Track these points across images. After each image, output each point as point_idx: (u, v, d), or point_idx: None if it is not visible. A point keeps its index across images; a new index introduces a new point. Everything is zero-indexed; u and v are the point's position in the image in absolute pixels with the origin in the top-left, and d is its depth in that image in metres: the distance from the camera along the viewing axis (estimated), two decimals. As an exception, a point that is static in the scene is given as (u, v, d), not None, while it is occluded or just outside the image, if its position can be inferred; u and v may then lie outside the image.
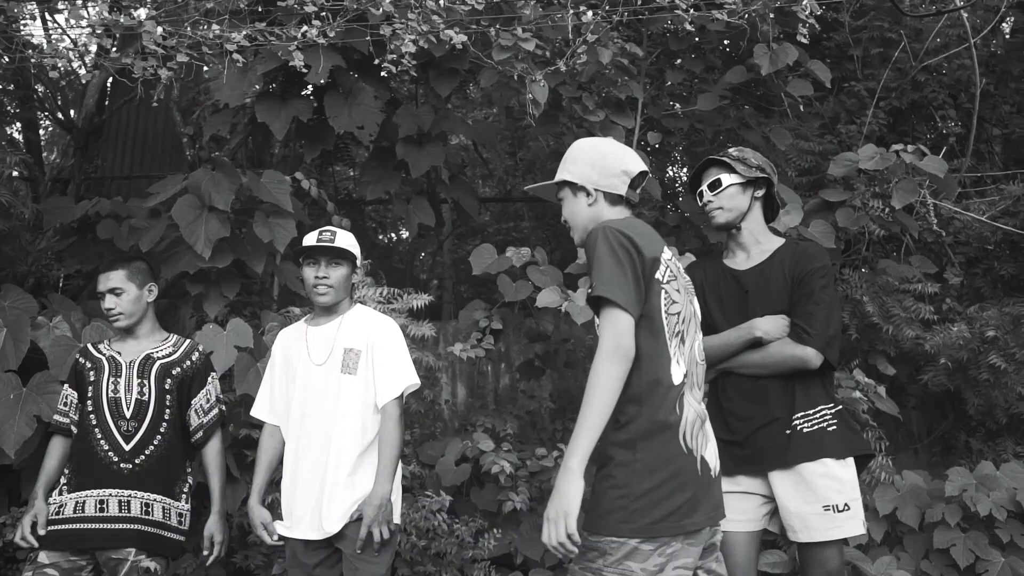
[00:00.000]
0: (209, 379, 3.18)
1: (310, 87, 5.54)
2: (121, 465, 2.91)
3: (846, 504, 2.54)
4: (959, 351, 4.45)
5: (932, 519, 4.33)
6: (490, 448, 4.53)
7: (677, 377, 2.04)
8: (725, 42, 6.10)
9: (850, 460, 2.59)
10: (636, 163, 2.26)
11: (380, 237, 8.01)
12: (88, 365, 3.08)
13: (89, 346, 3.17)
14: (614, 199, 2.24)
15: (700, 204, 2.83)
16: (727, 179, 2.72)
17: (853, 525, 2.54)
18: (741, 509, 2.66)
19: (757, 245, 2.76)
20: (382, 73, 3.80)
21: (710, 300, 2.78)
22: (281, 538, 2.88)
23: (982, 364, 4.40)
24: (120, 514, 2.89)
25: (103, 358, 3.06)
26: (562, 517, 1.86)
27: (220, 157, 4.82)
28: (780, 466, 2.59)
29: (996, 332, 4.30)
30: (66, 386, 3.16)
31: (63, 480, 3.02)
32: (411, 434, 4.78)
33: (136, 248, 4.54)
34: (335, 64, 4.84)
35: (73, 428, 3.07)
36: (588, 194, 2.22)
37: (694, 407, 2.08)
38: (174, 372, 3.07)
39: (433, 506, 4.16)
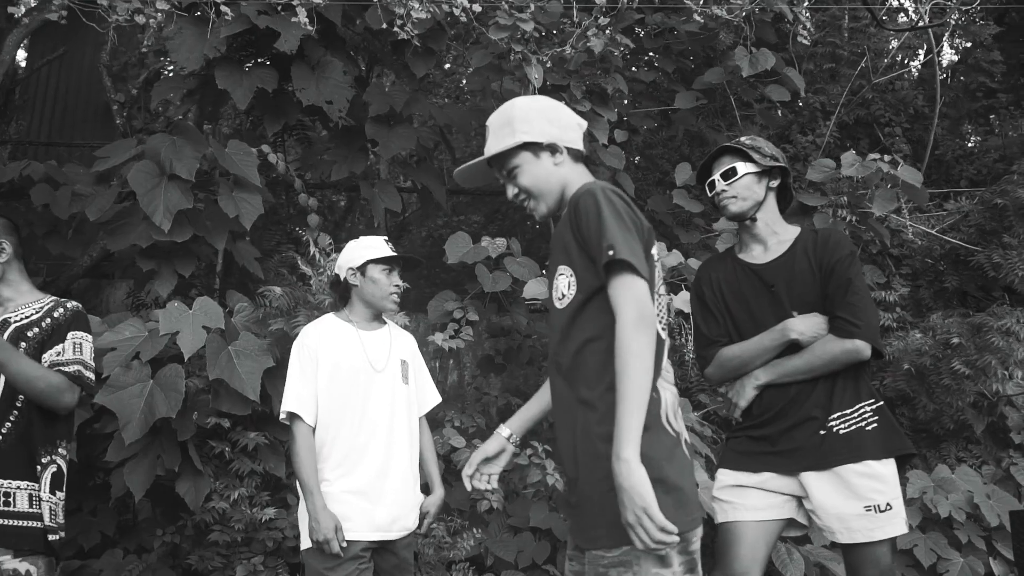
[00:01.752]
0: (69, 336, 2.62)
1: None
2: None
3: (888, 504, 2.39)
4: (922, 357, 4.58)
5: (894, 520, 4.43)
6: (462, 444, 4.33)
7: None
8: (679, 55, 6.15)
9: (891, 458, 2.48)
10: (581, 119, 2.09)
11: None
12: None
13: None
14: (576, 156, 2.02)
15: (711, 194, 2.64)
16: (742, 168, 2.57)
17: (895, 525, 2.40)
18: (752, 499, 2.51)
19: (774, 236, 2.61)
20: (363, 46, 3.57)
21: (731, 301, 2.61)
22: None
23: (943, 370, 4.54)
24: None
25: None
26: (643, 515, 1.63)
27: (182, 121, 4.43)
28: (814, 468, 2.46)
29: (960, 339, 4.45)
30: None
31: None
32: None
33: (80, 216, 4.11)
34: (304, 34, 4.56)
35: None
36: (554, 152, 1.97)
37: (669, 388, 1.92)
38: (29, 335, 2.57)
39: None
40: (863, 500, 2.40)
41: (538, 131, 1.96)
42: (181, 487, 3.59)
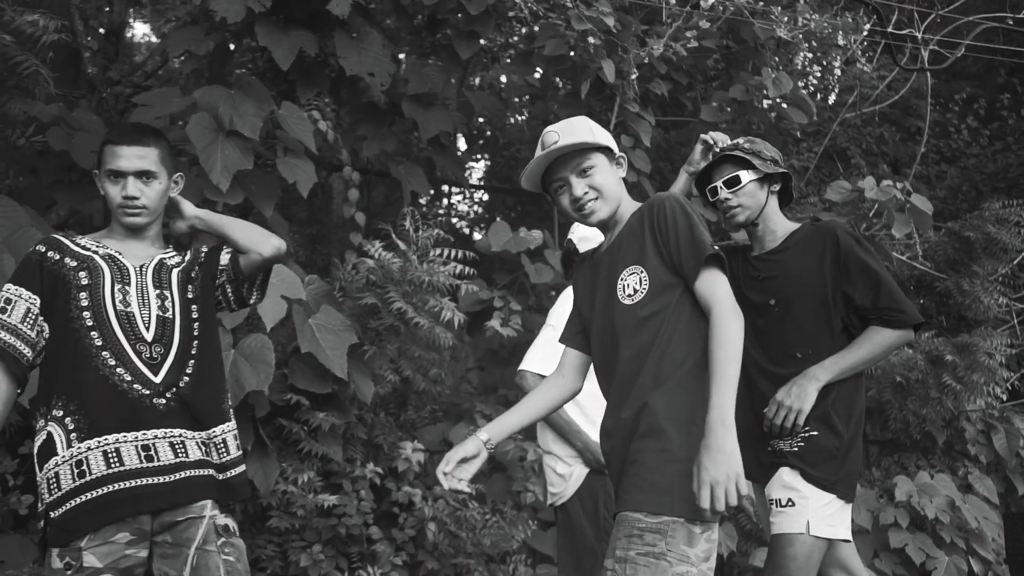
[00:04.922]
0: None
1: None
2: (154, 400, 2.06)
3: (789, 500, 2.39)
4: (912, 371, 4.97)
5: (885, 521, 4.77)
6: (500, 436, 4.26)
7: None
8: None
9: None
10: None
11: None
12: (69, 263, 2.12)
13: (61, 237, 2.19)
14: None
15: (711, 200, 2.62)
16: (746, 175, 2.51)
17: (792, 523, 2.37)
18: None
19: (772, 235, 2.60)
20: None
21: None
22: None
23: (931, 384, 4.94)
24: (177, 459, 2.06)
25: (96, 256, 2.15)
26: (734, 478, 1.75)
27: (245, 75, 4.10)
28: (759, 481, 2.55)
29: (953, 357, 4.87)
30: (19, 289, 2.10)
31: (67, 427, 2.01)
32: (405, 416, 4.37)
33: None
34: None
35: (28, 353, 2.07)
36: (620, 165, 2.11)
37: None
38: (193, 274, 2.25)
39: (461, 496, 3.83)
40: (768, 493, 2.46)
41: (612, 144, 2.10)
42: (250, 468, 3.31)
